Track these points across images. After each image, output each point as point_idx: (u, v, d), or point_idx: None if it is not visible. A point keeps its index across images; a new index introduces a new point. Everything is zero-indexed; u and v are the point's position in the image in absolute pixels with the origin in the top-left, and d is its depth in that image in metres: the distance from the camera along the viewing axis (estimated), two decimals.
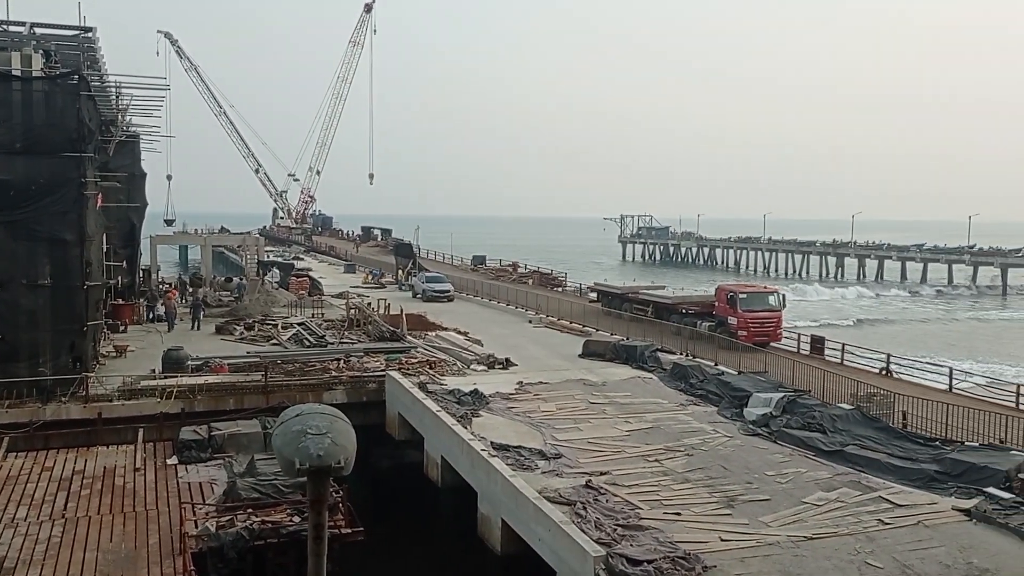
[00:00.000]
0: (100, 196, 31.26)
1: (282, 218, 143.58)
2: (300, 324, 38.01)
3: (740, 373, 28.52)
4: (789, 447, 21.17)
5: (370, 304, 42.59)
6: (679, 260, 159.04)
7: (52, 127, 26.04)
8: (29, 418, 24.02)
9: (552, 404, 25.17)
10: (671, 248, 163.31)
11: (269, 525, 17.68)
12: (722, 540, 15.33)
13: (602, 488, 17.80)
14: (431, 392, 25.40)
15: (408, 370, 28.64)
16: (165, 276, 62.78)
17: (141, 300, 42.43)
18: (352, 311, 40.22)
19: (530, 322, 43.53)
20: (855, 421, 22.21)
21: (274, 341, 35.20)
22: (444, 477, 22.20)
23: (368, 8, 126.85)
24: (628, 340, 34.09)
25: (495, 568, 18.73)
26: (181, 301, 44.52)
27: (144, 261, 51.19)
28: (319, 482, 5.46)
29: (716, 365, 29.99)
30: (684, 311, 41.03)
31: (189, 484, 20.74)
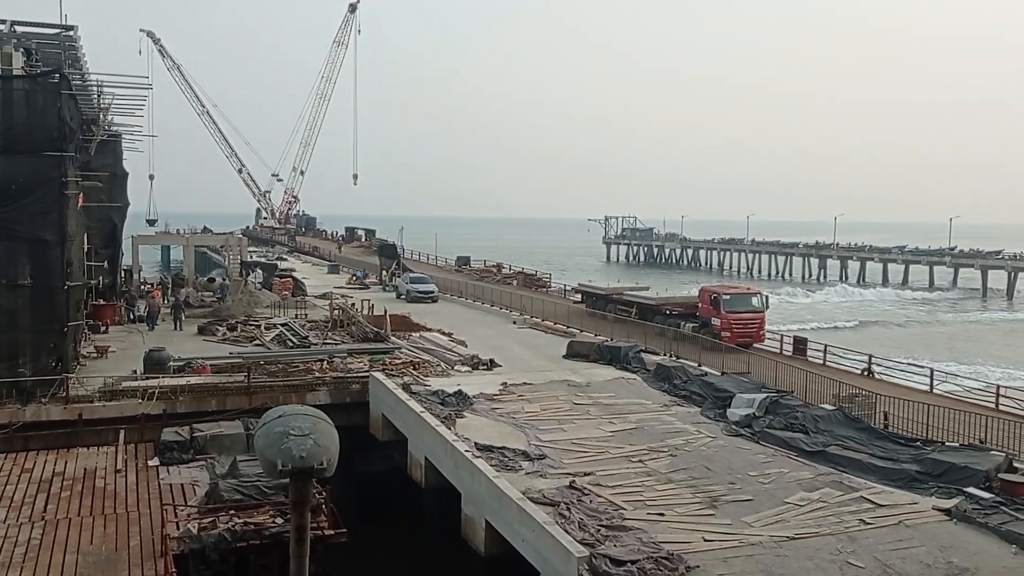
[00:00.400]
0: (81, 196, 31.01)
1: (265, 218, 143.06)
2: (283, 325, 37.84)
3: (723, 374, 28.64)
4: (772, 447, 21.27)
5: (354, 305, 42.45)
6: (663, 261, 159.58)
7: (33, 126, 25.81)
8: (9, 419, 23.77)
9: (536, 405, 25.18)
10: (655, 249, 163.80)
11: (252, 527, 17.58)
12: (705, 540, 15.38)
13: (586, 489, 17.82)
14: (415, 393, 25.35)
15: (392, 371, 28.58)
16: (147, 276, 62.37)
17: (121, 300, 42.13)
18: (336, 312, 40.10)
19: (514, 323, 43.54)
20: (837, 422, 22.35)
21: (257, 342, 35.03)
22: (428, 478, 22.16)
23: (352, 8, 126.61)
24: (612, 341, 34.15)
25: (479, 569, 18.71)
26: (164, 301, 44.28)
27: (126, 261, 50.82)
28: (301, 483, 5.43)
29: (700, 366, 30.09)
30: (668, 312, 41.17)
31: (171, 486, 20.62)
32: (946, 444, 20.48)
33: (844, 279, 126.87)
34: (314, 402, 25.48)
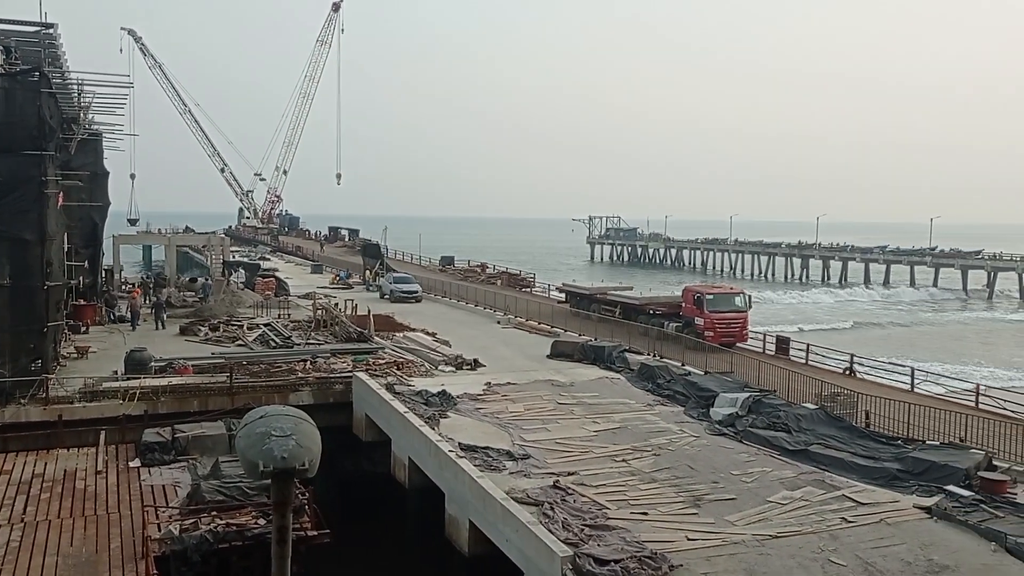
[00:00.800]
0: (61, 195, 30.77)
1: (248, 218, 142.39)
2: (266, 325, 37.66)
3: (706, 373, 28.73)
4: (754, 446, 21.37)
5: (337, 305, 42.30)
6: (647, 261, 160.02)
7: (12, 125, 25.56)
8: None
9: (520, 405, 25.18)
10: (639, 249, 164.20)
11: (234, 528, 17.49)
12: (688, 539, 15.42)
13: (570, 488, 17.83)
14: (399, 393, 25.29)
15: (375, 371, 28.51)
16: (128, 276, 61.92)
17: (101, 300, 41.80)
18: (319, 312, 39.94)
19: (498, 323, 43.52)
20: (819, 421, 22.47)
21: (239, 342, 34.84)
22: (411, 478, 22.11)
23: (336, 7, 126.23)
24: (596, 341, 34.22)
25: (462, 569, 18.68)
26: (145, 301, 44.00)
27: (107, 261, 50.43)
28: (283, 484, 5.40)
29: (683, 365, 30.19)
30: (651, 312, 41.28)
31: (152, 487, 20.48)
32: (927, 443, 20.63)
33: (826, 279, 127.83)
34: (297, 402, 25.37)
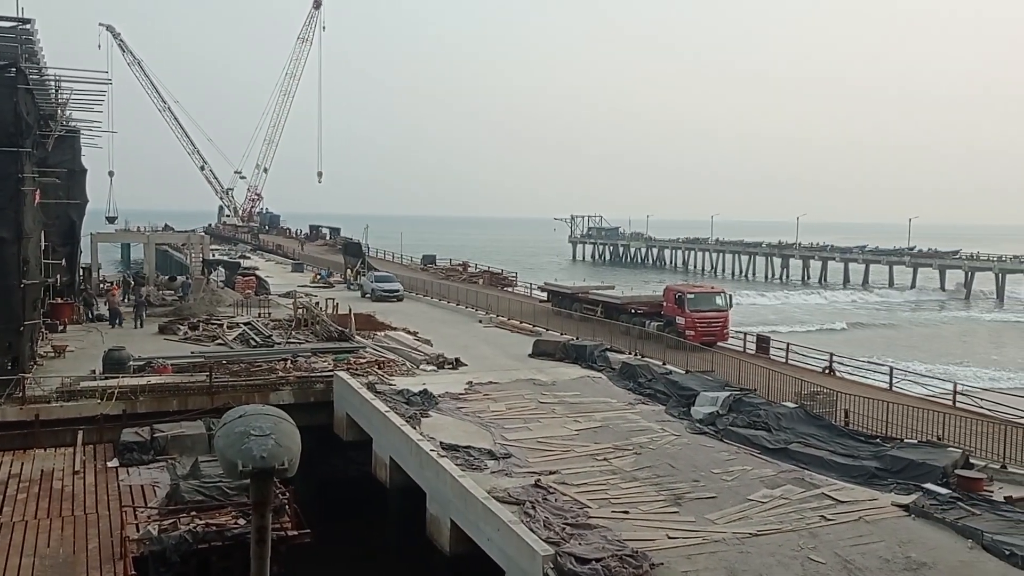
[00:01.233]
0: (38, 192, 30.42)
1: (228, 216, 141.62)
2: (246, 324, 37.45)
3: (687, 372, 28.85)
4: (735, 445, 21.46)
5: (318, 304, 42.12)
6: (628, 260, 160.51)
7: None
8: None
9: (502, 404, 25.17)
10: (621, 248, 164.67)
11: (213, 528, 17.37)
12: (669, 537, 15.47)
13: (551, 487, 17.84)
14: (380, 392, 25.22)
15: (356, 370, 28.40)
16: (106, 275, 61.38)
17: (79, 299, 41.42)
18: (300, 311, 39.75)
19: (480, 322, 43.49)
20: (799, 419, 22.62)
21: (219, 341, 34.62)
22: (392, 478, 22.06)
23: (317, 4, 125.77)
24: (578, 340, 34.27)
25: (444, 569, 18.66)
26: (124, 299, 43.63)
27: (85, 259, 49.94)
28: (262, 484, 5.36)
29: (664, 364, 30.29)
30: (633, 311, 41.42)
31: (131, 487, 20.29)
32: (905, 441, 20.82)
33: (807, 279, 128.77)
34: (277, 402, 25.25)
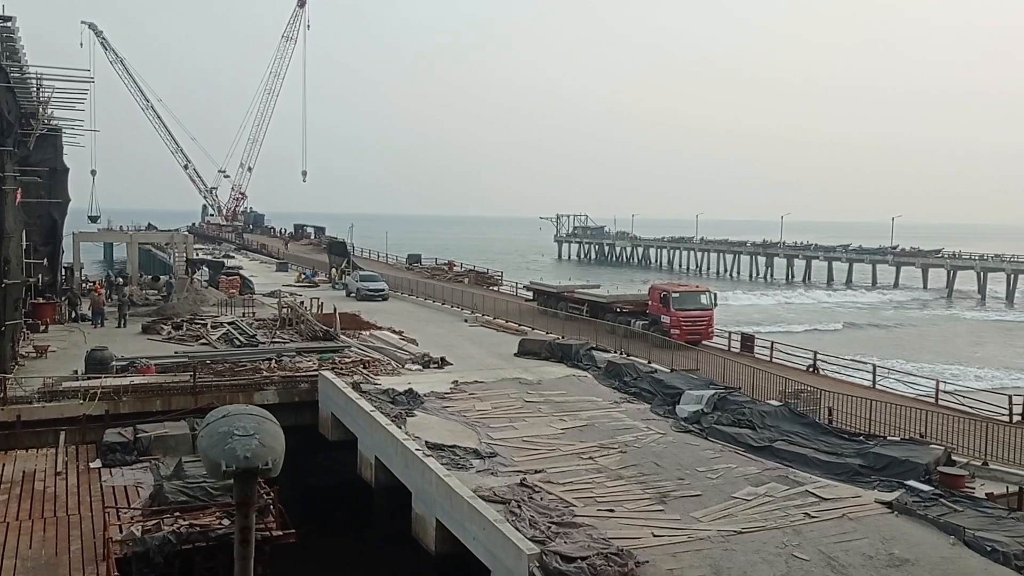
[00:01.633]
0: (19, 191, 30.17)
1: (212, 215, 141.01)
2: (230, 323, 37.26)
3: (673, 371, 28.93)
4: (720, 443, 21.54)
5: (303, 303, 41.99)
6: (614, 259, 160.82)
7: None
8: None
9: (487, 403, 25.16)
10: (606, 247, 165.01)
11: (197, 529, 17.27)
12: (654, 535, 15.52)
13: (537, 486, 17.85)
14: (365, 392, 25.15)
15: (341, 370, 28.31)
16: (89, 274, 60.95)
17: (62, 299, 41.12)
18: (284, 310, 39.61)
19: (466, 321, 43.47)
20: (783, 417, 22.72)
21: (203, 341, 34.45)
22: (378, 477, 22.01)
23: (302, 3, 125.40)
24: (563, 339, 34.29)
25: (429, 568, 18.64)
26: (108, 299, 43.34)
27: (67, 259, 49.58)
28: (246, 484, 5.32)
29: (649, 363, 30.36)
30: (618, 310, 41.49)
31: (113, 488, 20.15)
32: (888, 439, 20.96)
33: (791, 277, 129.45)
34: (262, 402, 25.15)
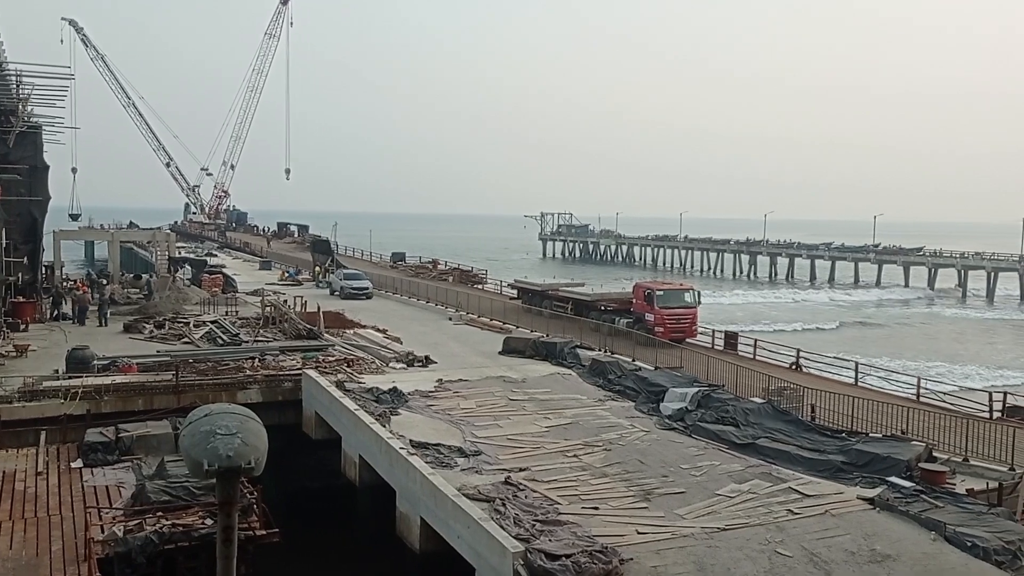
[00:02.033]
0: None
1: (194, 213, 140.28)
2: (213, 322, 37.09)
3: (657, 369, 28.99)
4: (703, 440, 21.62)
5: (286, 301, 41.80)
6: (598, 257, 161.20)
7: None
8: None
9: (472, 401, 25.16)
10: (591, 246, 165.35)
11: (180, 528, 17.15)
12: (639, 533, 15.55)
13: (521, 484, 17.85)
14: (349, 391, 25.08)
15: (325, 368, 28.21)
16: (70, 273, 60.49)
17: (46, 297, 40.78)
18: (267, 309, 39.42)
19: (450, 319, 43.43)
20: (766, 414, 22.83)
21: (186, 340, 34.25)
22: (362, 476, 21.95)
23: (284, 0, 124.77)
24: (548, 337, 34.31)
25: (414, 567, 18.61)
26: (92, 297, 43.04)
27: (47, 257, 49.19)
28: (228, 483, 5.32)
29: (634, 361, 30.43)
30: (603, 308, 41.59)
31: (95, 488, 19.99)
32: (870, 435, 21.09)
33: (774, 276, 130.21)
34: (245, 401, 25.03)
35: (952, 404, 25.42)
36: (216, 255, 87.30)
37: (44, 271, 45.34)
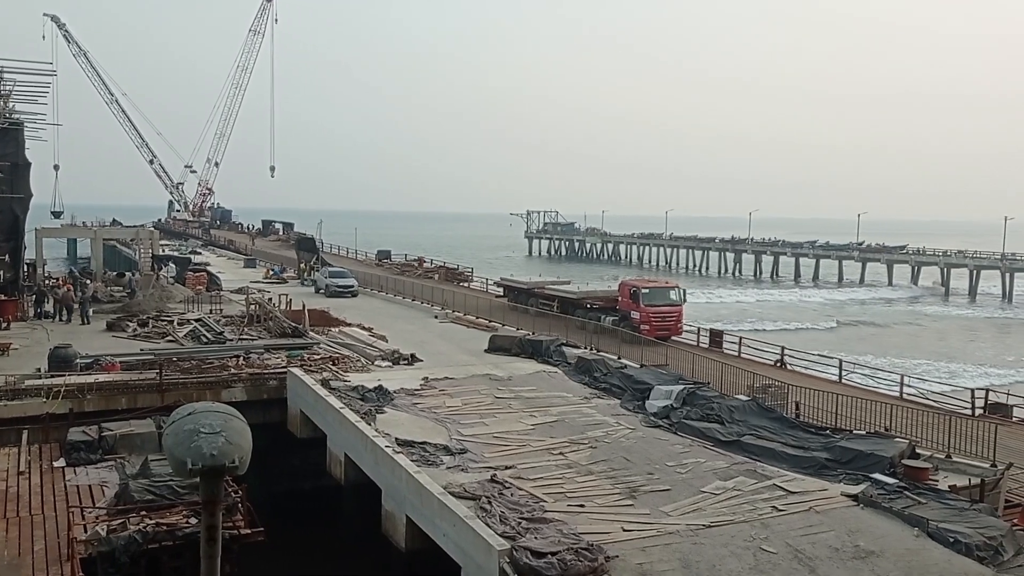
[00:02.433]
0: None
1: (178, 211, 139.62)
2: (197, 320, 36.90)
3: (642, 366, 29.05)
4: (689, 438, 21.69)
5: (271, 299, 41.63)
6: (584, 255, 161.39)
7: None
8: None
9: (458, 399, 25.13)
10: (576, 244, 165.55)
11: (164, 528, 17.05)
12: (624, 530, 15.58)
13: (507, 482, 17.84)
14: (334, 389, 25.00)
15: (310, 367, 28.12)
16: (52, 271, 60.02)
17: (28, 295, 40.43)
18: (252, 307, 39.24)
19: (436, 317, 43.37)
20: (751, 412, 22.92)
21: (169, 338, 34.05)
22: (347, 475, 21.89)
23: None
24: (534, 335, 34.34)
25: (399, 564, 18.58)
26: (77, 295, 42.74)
27: (29, 255, 48.80)
28: (212, 482, 5.28)
29: (619, 359, 30.48)
30: (589, 306, 41.63)
31: (78, 487, 19.84)
32: (853, 432, 21.20)
33: (759, 274, 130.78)
34: (230, 399, 24.90)
35: (935, 401, 25.61)
36: (200, 253, 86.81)
37: (26, 269, 45.00)
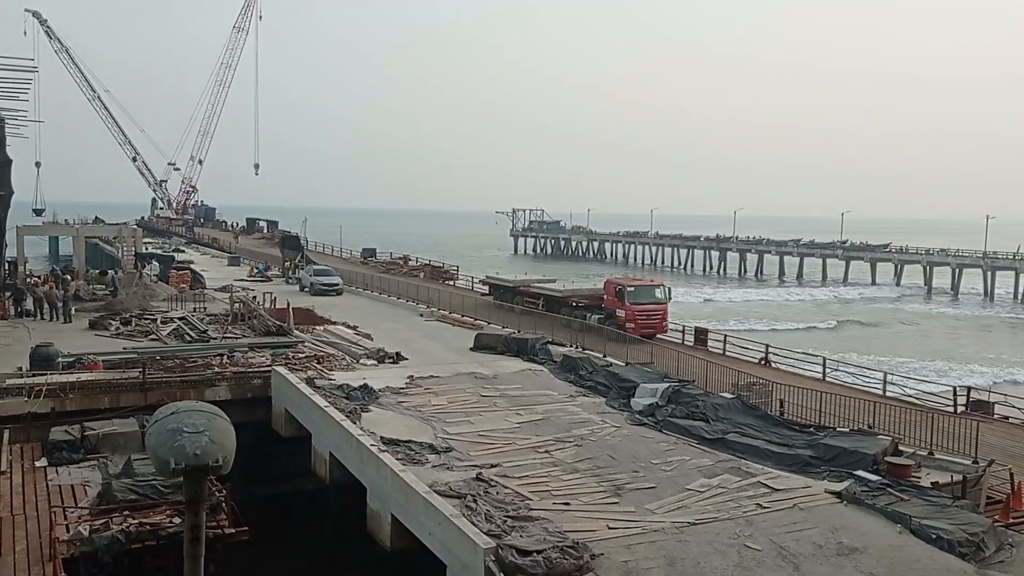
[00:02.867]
0: None
1: (162, 209, 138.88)
2: (181, 319, 36.67)
3: (628, 364, 29.10)
4: (674, 436, 21.74)
5: (255, 298, 41.44)
6: (570, 254, 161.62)
7: None
8: None
9: (443, 398, 25.09)
10: (562, 242, 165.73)
11: (147, 527, 16.97)
12: (609, 528, 15.60)
13: (492, 480, 17.84)
14: (319, 387, 24.90)
15: (295, 365, 28.00)
16: (33, 269, 59.52)
17: (7, 294, 40.08)
18: (236, 305, 39.04)
19: (421, 316, 43.28)
20: (736, 409, 23.00)
21: (153, 336, 33.83)
22: (332, 473, 21.81)
23: None
24: (519, 333, 34.34)
25: (385, 563, 18.59)
26: (61, 293, 42.42)
27: (10, 253, 48.37)
28: (196, 482, 5.26)
29: (605, 357, 30.51)
30: (574, 304, 41.69)
31: (60, 487, 19.70)
32: (837, 429, 21.31)
33: (743, 272, 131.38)
34: (214, 398, 24.76)
35: (917, 399, 25.80)
36: (184, 251, 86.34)
37: (7, 267, 44.61)
